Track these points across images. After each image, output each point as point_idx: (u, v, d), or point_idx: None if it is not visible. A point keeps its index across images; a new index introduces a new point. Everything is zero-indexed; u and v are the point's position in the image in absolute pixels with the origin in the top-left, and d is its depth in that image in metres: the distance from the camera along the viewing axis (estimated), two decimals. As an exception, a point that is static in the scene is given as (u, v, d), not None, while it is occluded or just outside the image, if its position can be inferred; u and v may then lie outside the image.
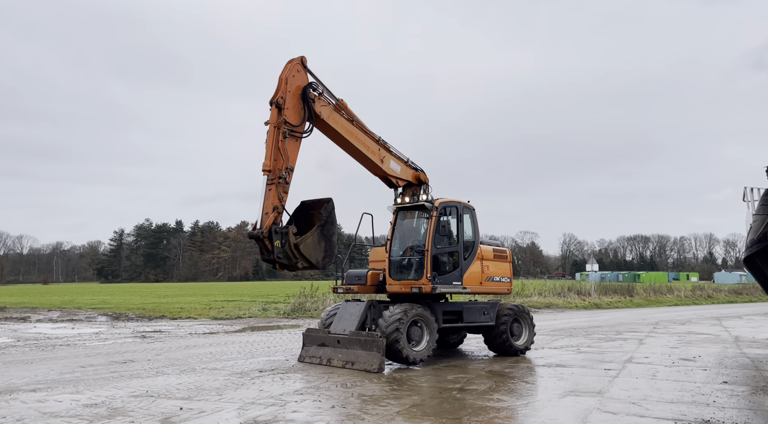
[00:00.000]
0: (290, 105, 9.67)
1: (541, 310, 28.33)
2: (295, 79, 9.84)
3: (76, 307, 30.42)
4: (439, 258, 10.79)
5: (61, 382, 8.67)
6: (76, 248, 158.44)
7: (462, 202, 11.49)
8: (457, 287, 10.93)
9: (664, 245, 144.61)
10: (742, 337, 15.41)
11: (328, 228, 9.77)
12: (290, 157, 9.52)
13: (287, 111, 9.60)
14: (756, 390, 7.94)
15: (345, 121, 10.52)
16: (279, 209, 9.32)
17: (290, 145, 9.58)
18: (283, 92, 9.63)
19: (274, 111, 9.54)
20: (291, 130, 9.59)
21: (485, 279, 11.54)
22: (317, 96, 10.09)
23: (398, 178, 11.54)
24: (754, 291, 43.05)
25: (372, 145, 10.95)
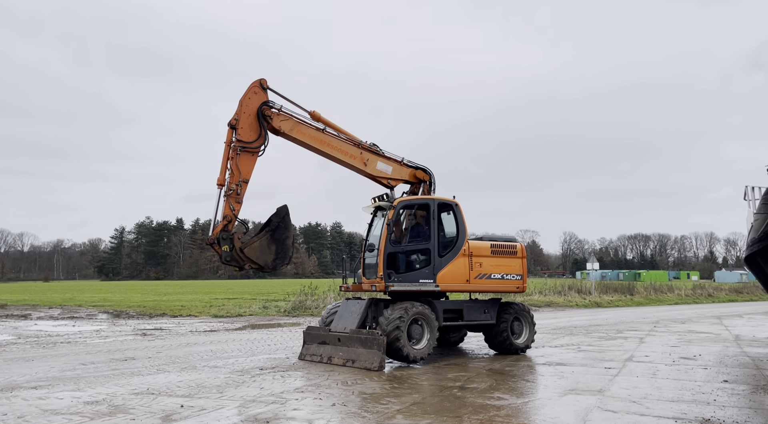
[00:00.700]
0: (245, 124, 10.46)
1: (541, 308, 28.34)
2: (251, 101, 10.59)
3: (77, 304, 30.46)
4: (399, 257, 10.85)
5: (62, 379, 8.68)
6: (77, 245, 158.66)
7: (438, 199, 11.33)
8: (426, 285, 10.72)
9: (665, 244, 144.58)
10: (742, 336, 15.41)
11: (280, 232, 10.56)
12: (242, 171, 10.36)
13: (241, 130, 10.41)
14: (756, 389, 7.94)
15: (313, 131, 11.03)
16: (229, 218, 10.20)
17: (244, 161, 10.41)
18: (237, 114, 10.44)
19: (229, 131, 10.41)
20: (243, 147, 10.38)
21: (476, 276, 11.23)
22: (276, 112, 10.73)
23: (389, 178, 11.67)
24: (754, 290, 43.04)
25: (350, 150, 11.30)
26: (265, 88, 10.73)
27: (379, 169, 11.52)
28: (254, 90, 10.63)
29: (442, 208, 11.30)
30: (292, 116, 10.85)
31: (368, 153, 11.44)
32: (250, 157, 10.48)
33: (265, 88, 10.73)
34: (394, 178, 11.74)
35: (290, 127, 10.82)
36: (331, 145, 11.12)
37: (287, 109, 10.80)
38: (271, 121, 10.61)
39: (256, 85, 10.69)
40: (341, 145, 11.22)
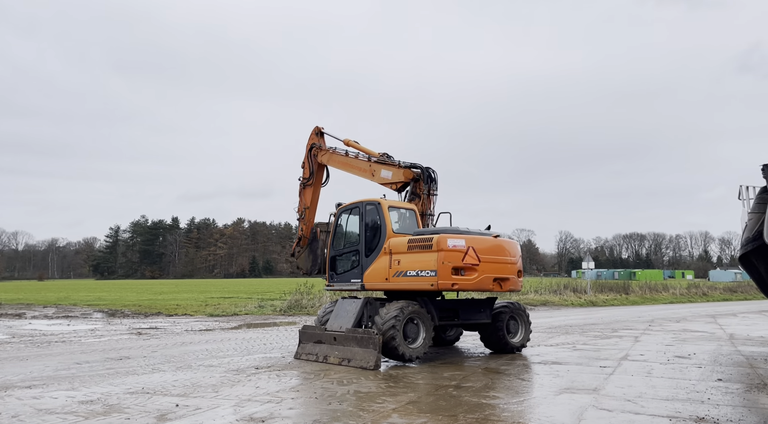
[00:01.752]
0: (305, 164, 13.88)
1: (537, 307, 28.40)
2: (307, 144, 13.86)
3: (72, 303, 30.35)
4: (336, 259, 11.96)
5: (56, 378, 8.65)
6: (72, 244, 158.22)
7: (366, 200, 11.45)
8: (355, 285, 11.27)
9: (660, 243, 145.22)
10: (736, 335, 15.48)
11: (315, 245, 13.07)
12: (305, 201, 13.78)
13: (303, 169, 13.87)
14: (750, 388, 7.98)
15: (340, 157, 13.32)
16: (299, 236, 13.74)
17: (306, 193, 13.81)
18: (304, 157, 13.87)
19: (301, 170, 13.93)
20: (303, 183, 13.87)
21: (394, 274, 10.59)
22: (318, 149, 13.68)
23: (391, 182, 12.34)
24: (749, 289, 43.22)
25: (363, 165, 12.90)
26: (318, 133, 13.78)
27: (382, 176, 12.43)
28: (311, 136, 13.79)
29: (367, 209, 11.37)
30: (327, 150, 13.50)
31: (376, 164, 12.59)
32: (309, 189, 13.70)
33: (319, 132, 13.78)
34: (394, 181, 12.21)
35: (327, 159, 13.52)
36: (351, 165, 13.09)
37: (326, 146, 13.64)
38: (315, 159, 13.62)
39: (313, 131, 13.79)
40: (357, 163, 13.00)
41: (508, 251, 10.99)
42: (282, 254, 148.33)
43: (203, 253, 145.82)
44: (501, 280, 10.69)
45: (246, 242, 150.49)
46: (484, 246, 10.59)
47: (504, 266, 10.80)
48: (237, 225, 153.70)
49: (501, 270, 10.71)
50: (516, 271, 11.10)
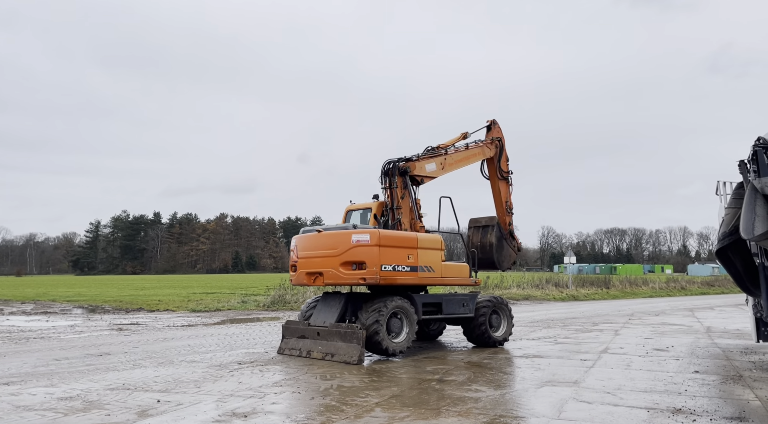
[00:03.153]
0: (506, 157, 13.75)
1: (519, 302, 28.65)
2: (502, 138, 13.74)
3: (51, 299, 29.89)
4: None
5: (35, 375, 8.52)
6: (51, 239, 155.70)
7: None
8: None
9: (640, 238, 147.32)
10: (713, 328, 15.78)
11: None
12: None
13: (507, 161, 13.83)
14: (726, 379, 8.15)
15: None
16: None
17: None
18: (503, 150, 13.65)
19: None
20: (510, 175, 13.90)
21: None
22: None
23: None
24: (726, 283, 44.10)
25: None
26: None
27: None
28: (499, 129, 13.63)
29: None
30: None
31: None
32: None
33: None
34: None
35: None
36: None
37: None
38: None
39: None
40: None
41: (327, 245, 10.49)
42: (265, 250, 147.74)
43: (185, 248, 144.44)
44: (314, 274, 10.60)
45: (229, 238, 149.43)
46: (305, 243, 10.96)
47: (319, 260, 10.50)
48: (220, 220, 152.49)
49: (315, 265, 10.56)
50: (338, 263, 10.20)
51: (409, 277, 10.48)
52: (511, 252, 13.39)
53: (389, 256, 10.16)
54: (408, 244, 10.57)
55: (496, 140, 13.29)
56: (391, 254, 10.20)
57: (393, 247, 10.28)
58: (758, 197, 6.66)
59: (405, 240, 10.60)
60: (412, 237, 10.74)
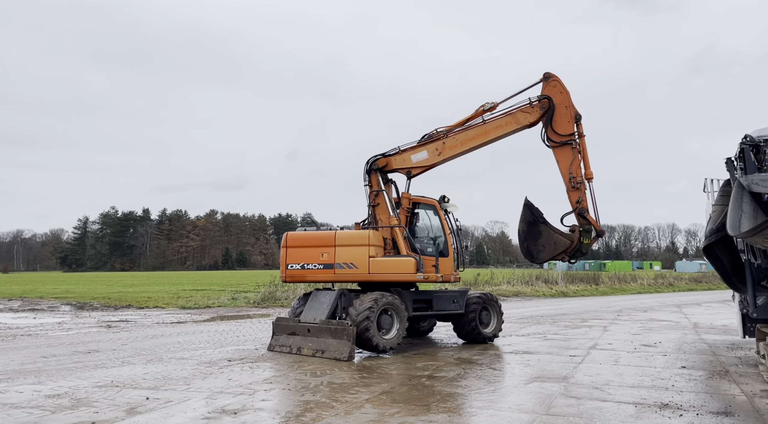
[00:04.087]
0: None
1: (509, 298, 28.78)
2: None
3: (38, 296, 29.62)
4: None
5: (22, 372, 8.45)
6: (38, 235, 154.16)
7: None
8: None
9: (629, 235, 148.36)
10: (700, 323, 15.95)
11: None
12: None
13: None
14: (713, 375, 8.25)
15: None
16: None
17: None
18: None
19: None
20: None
21: None
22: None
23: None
24: (713, 279, 44.52)
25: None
26: None
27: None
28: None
29: None
30: None
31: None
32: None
33: None
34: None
35: None
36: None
37: None
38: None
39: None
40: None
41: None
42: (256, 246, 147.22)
43: (175, 245, 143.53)
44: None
45: (219, 234, 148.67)
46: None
47: None
48: (210, 217, 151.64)
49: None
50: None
51: (321, 274, 11.06)
52: (559, 239, 10.81)
53: (297, 256, 11.19)
54: (322, 243, 11.12)
55: (544, 99, 11.00)
56: (300, 254, 11.17)
57: (302, 247, 11.25)
58: (745, 194, 6.73)
59: (318, 239, 11.23)
60: (329, 236, 11.16)
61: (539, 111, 10.99)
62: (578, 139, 10.87)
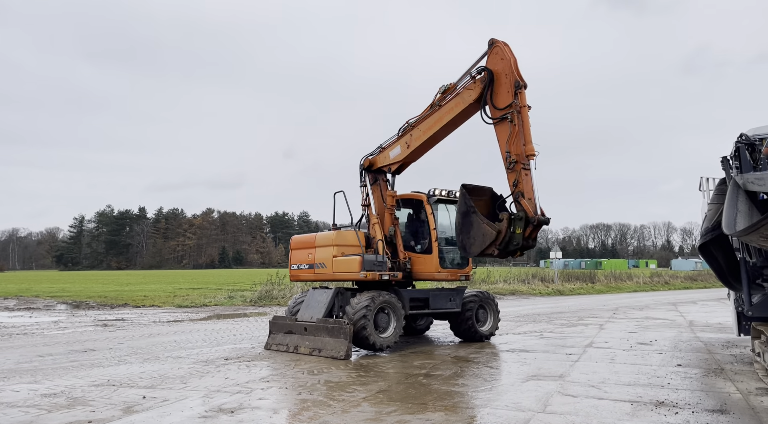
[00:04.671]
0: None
1: (506, 296, 28.83)
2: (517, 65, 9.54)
3: (34, 295, 29.53)
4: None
5: (18, 371, 8.43)
6: (34, 234, 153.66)
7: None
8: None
9: (625, 233, 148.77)
10: (696, 322, 16.01)
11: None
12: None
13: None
14: (708, 372, 8.28)
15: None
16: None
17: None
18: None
19: (524, 93, 9.27)
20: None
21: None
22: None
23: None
24: (708, 278, 44.70)
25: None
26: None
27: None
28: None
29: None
30: None
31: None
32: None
33: None
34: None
35: None
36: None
37: None
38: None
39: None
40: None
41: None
42: (252, 245, 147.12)
43: (171, 243, 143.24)
44: None
45: (215, 233, 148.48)
46: None
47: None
48: (206, 215, 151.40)
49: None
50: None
51: (308, 274, 11.56)
52: (486, 229, 9.13)
53: (296, 257, 11.88)
54: (308, 244, 11.67)
55: (483, 71, 9.76)
56: (299, 255, 11.80)
57: (300, 248, 11.86)
58: (740, 193, 6.75)
59: (306, 242, 11.82)
60: (311, 237, 11.78)
61: (480, 85, 9.76)
62: (519, 110, 9.27)
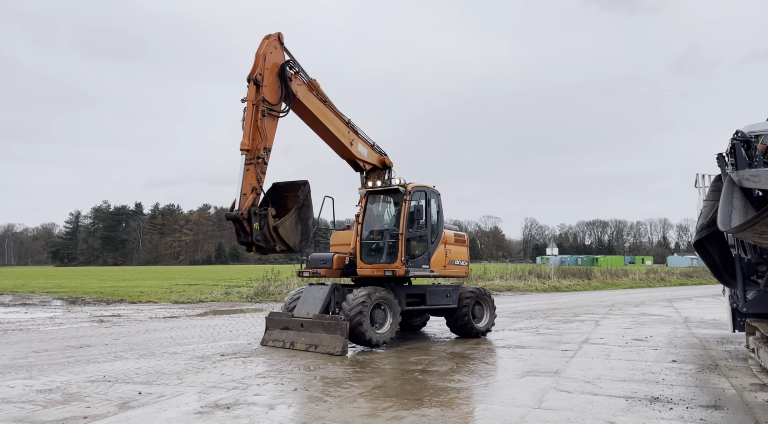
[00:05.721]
0: (268, 82, 9.41)
1: (502, 293, 28.89)
2: (272, 56, 9.59)
3: (30, 291, 29.44)
4: (410, 242, 10.88)
5: (13, 367, 8.40)
6: (29, 230, 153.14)
7: (429, 187, 11.53)
8: (425, 271, 11.01)
9: (621, 230, 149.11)
10: (691, 318, 16.08)
11: (305, 211, 9.73)
12: (268, 137, 9.32)
13: (265, 88, 9.35)
14: (703, 368, 8.32)
15: (318, 101, 10.47)
16: (258, 190, 9.14)
17: (268, 125, 9.37)
18: (261, 69, 9.31)
19: (252, 88, 9.25)
20: (269, 108, 9.39)
21: (448, 262, 11.65)
22: (294, 75, 9.91)
23: (365, 161, 11.64)
24: (703, 274, 44.88)
25: (342, 128, 11.01)
26: (283, 45, 9.79)
27: (360, 150, 11.41)
28: (274, 44, 9.65)
29: (431, 196, 11.48)
30: (304, 82, 10.10)
31: (353, 133, 11.27)
32: (272, 121, 9.48)
33: (283, 44, 9.79)
34: (369, 161, 11.71)
35: (304, 93, 10.06)
36: (330, 120, 10.65)
37: (302, 74, 10.03)
38: (291, 83, 9.73)
39: (275, 39, 9.66)
40: (337, 121, 10.82)
41: None
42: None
43: (168, 239, 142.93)
44: None
45: (212, 229, 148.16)
46: None
47: None
48: (203, 211, 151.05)
49: None
50: None
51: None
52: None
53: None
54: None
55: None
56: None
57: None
58: (736, 190, 6.76)
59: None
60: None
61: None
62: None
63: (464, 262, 12.25)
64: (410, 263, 10.64)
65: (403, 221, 10.64)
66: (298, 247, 9.65)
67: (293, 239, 9.49)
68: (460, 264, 12.10)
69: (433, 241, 11.25)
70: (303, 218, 9.70)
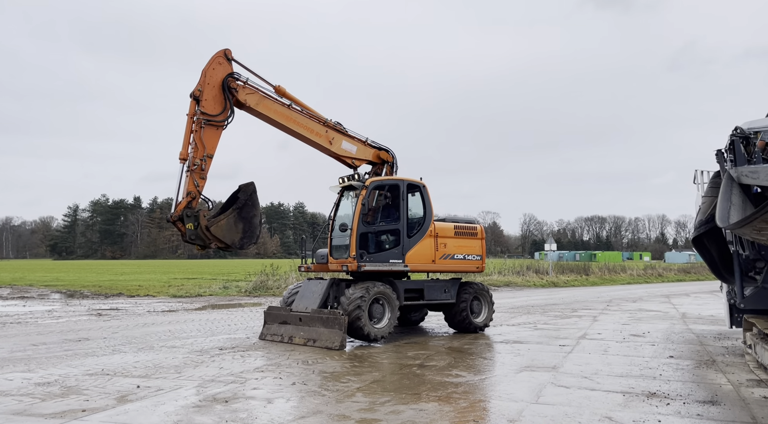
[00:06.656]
0: (209, 96, 10.07)
1: (500, 288, 28.94)
2: (215, 72, 10.21)
3: (28, 284, 29.44)
4: (370, 237, 10.95)
5: (11, 360, 8.41)
6: (27, 223, 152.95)
7: (408, 180, 11.40)
8: (395, 265, 10.88)
9: (620, 226, 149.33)
10: (688, 314, 16.12)
11: (248, 210, 10.34)
12: (207, 146, 10.00)
13: (205, 102, 10.02)
14: (700, 364, 8.35)
15: (279, 106, 10.79)
16: (193, 194, 9.89)
17: (208, 134, 10.04)
18: (201, 85, 10.03)
19: (192, 103, 9.99)
20: (207, 120, 10.00)
21: (440, 257, 11.52)
22: (242, 85, 10.40)
23: (354, 158, 11.67)
24: (701, 270, 44.94)
25: (316, 127, 11.16)
26: (229, 59, 10.36)
27: (344, 148, 11.47)
28: (218, 60, 10.24)
29: (410, 190, 11.38)
30: (258, 90, 10.55)
31: (333, 132, 11.35)
32: (214, 131, 10.12)
33: (230, 59, 10.36)
34: (359, 158, 11.72)
35: (256, 101, 10.51)
36: (297, 122, 10.93)
37: (253, 83, 10.50)
38: (237, 94, 10.28)
39: (221, 55, 10.28)
40: (307, 122, 11.06)
41: None
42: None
43: (166, 233, 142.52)
44: None
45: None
46: None
47: None
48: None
49: None
50: None
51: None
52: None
53: None
54: None
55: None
56: None
57: None
58: (734, 186, 6.77)
59: None
60: None
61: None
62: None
63: (474, 256, 12.11)
64: (369, 258, 10.66)
65: (356, 216, 10.66)
66: (238, 244, 10.26)
67: (230, 236, 10.15)
68: (468, 258, 11.98)
69: (412, 235, 11.14)
70: (246, 216, 10.32)
